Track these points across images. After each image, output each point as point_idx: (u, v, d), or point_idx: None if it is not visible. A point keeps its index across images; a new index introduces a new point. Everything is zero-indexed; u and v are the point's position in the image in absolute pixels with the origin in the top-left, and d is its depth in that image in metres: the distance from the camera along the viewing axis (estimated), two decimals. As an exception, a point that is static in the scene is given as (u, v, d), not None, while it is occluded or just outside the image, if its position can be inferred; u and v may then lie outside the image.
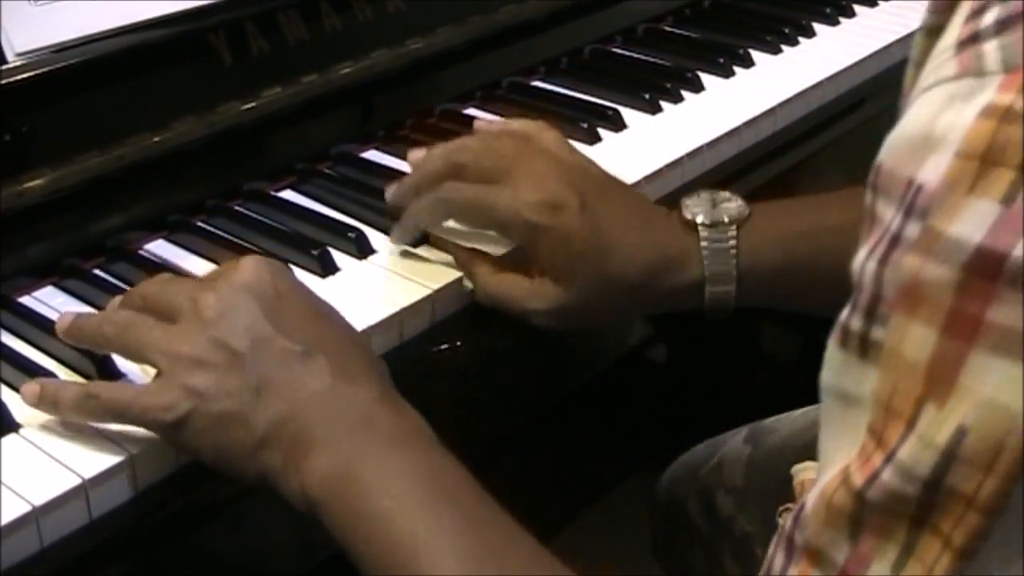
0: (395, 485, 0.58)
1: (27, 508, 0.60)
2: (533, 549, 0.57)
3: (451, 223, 0.81)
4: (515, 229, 0.77)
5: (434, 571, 0.55)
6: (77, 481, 0.62)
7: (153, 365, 0.63)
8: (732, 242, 0.77)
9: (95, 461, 0.64)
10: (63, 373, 0.70)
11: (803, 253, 0.78)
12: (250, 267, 0.64)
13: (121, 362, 0.70)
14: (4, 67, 0.76)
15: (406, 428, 0.62)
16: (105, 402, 0.63)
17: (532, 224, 0.75)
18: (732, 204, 0.79)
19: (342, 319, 0.67)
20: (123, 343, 0.65)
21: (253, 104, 0.89)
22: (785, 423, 0.95)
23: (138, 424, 0.63)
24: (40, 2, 0.79)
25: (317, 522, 0.59)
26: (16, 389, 0.69)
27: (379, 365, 0.66)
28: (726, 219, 0.77)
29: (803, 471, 0.79)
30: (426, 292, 0.78)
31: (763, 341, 1.76)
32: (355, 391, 0.62)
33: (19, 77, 0.76)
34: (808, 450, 0.82)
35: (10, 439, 0.65)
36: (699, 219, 0.77)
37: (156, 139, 0.83)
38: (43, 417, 0.66)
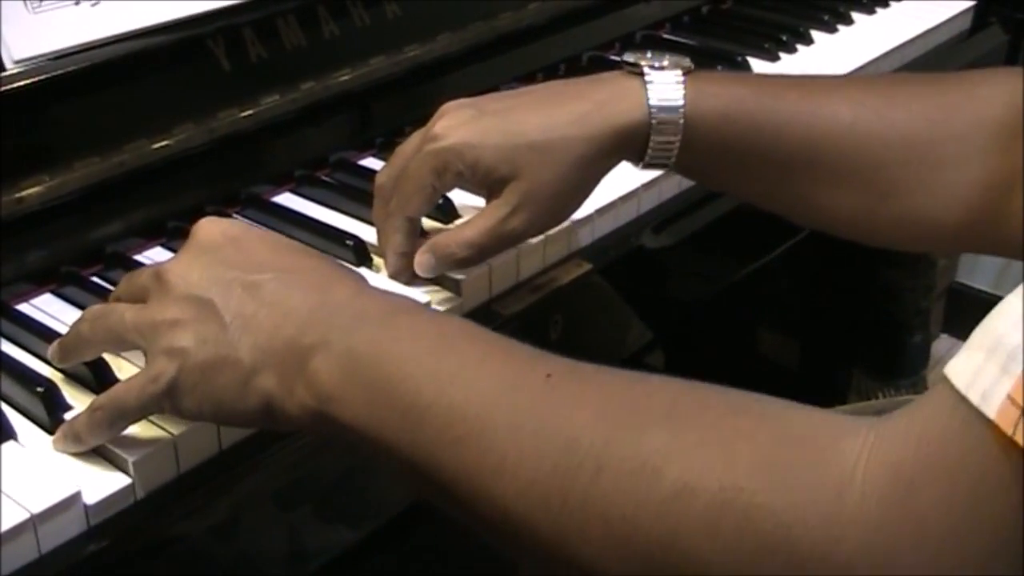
0: (404, 348, 0.57)
1: (25, 515, 0.60)
2: (567, 360, 0.55)
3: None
4: (442, 170, 0.76)
5: (467, 403, 0.54)
6: (75, 488, 0.62)
7: (134, 345, 0.63)
8: (679, 88, 0.76)
9: (94, 468, 0.64)
10: (61, 381, 0.70)
11: (753, 108, 0.76)
12: (202, 228, 0.65)
13: (115, 364, 0.70)
14: (2, 74, 0.76)
15: (394, 303, 0.62)
16: (107, 407, 0.63)
17: (445, 148, 0.75)
18: (676, 57, 0.78)
19: (302, 245, 0.67)
20: (100, 335, 0.65)
21: (251, 111, 0.89)
22: None
23: (143, 410, 0.63)
24: (39, 9, 0.79)
25: (331, 428, 0.58)
26: (14, 397, 0.69)
27: (353, 272, 0.65)
28: (674, 64, 0.77)
29: None
30: (424, 300, 0.78)
31: (761, 347, 1.76)
32: (332, 295, 0.61)
33: (18, 84, 0.76)
34: None
35: (8, 446, 0.65)
36: (645, 62, 0.77)
37: (154, 146, 0.83)
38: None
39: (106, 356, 0.70)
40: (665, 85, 0.76)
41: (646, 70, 0.77)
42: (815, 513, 0.44)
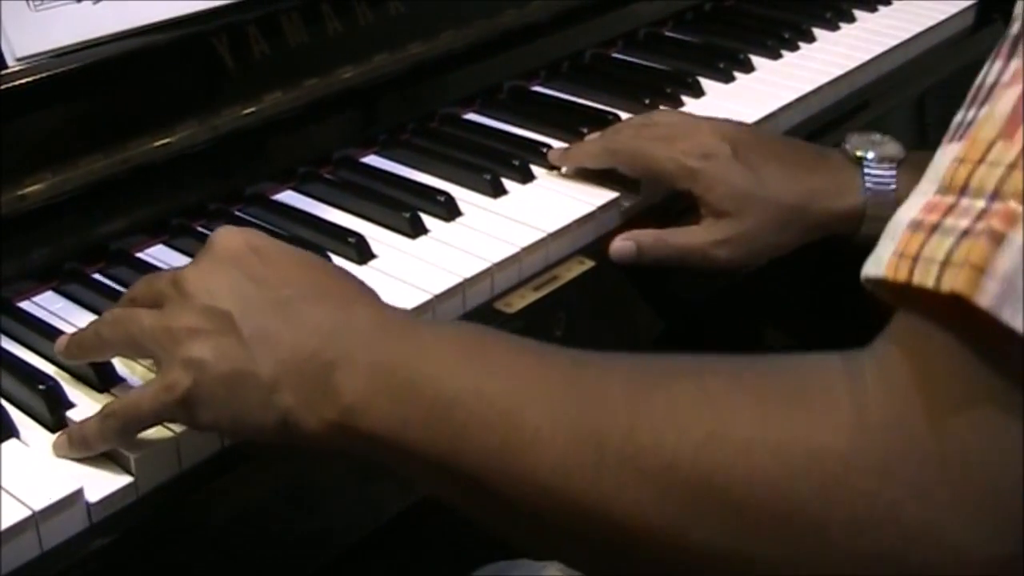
0: (427, 351, 0.58)
1: (27, 513, 0.60)
2: (589, 353, 0.56)
3: None
4: (677, 176, 0.88)
5: (494, 389, 0.54)
6: (77, 486, 0.62)
7: (150, 353, 0.63)
8: (892, 176, 0.86)
9: (96, 465, 0.64)
10: (63, 379, 0.70)
11: None
12: (223, 236, 0.65)
13: (118, 364, 0.70)
14: (4, 71, 0.76)
15: (413, 320, 0.63)
16: (120, 415, 0.63)
17: (691, 168, 0.87)
18: (891, 145, 0.88)
19: (324, 260, 0.67)
20: (119, 338, 0.65)
21: (254, 108, 0.89)
22: None
23: (157, 419, 0.63)
24: (40, 6, 0.79)
25: (350, 442, 0.58)
26: (16, 394, 0.69)
27: (372, 290, 0.65)
28: (889, 156, 0.87)
29: None
30: (426, 297, 0.78)
31: (765, 344, 1.76)
32: (354, 312, 0.61)
33: (20, 81, 0.76)
34: None
35: (10, 444, 0.65)
36: (865, 154, 0.87)
37: (157, 143, 0.83)
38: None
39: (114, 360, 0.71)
40: (880, 175, 0.87)
41: (865, 162, 0.87)
42: (841, 426, 0.45)
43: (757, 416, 0.47)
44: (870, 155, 0.88)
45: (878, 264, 0.45)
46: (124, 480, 0.64)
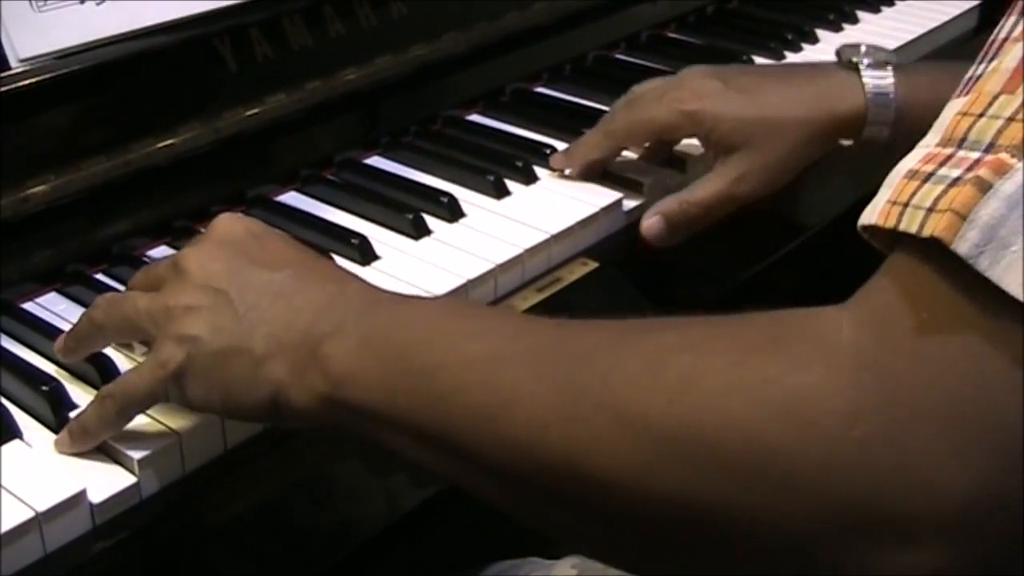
0: (416, 320, 0.58)
1: (30, 514, 0.60)
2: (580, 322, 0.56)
3: None
4: (679, 125, 0.89)
5: (479, 352, 0.54)
6: (80, 487, 0.62)
7: (144, 333, 0.63)
8: (890, 80, 0.87)
9: (99, 467, 0.64)
10: (65, 379, 0.70)
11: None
12: (223, 222, 0.66)
13: (121, 363, 0.70)
14: (7, 73, 0.76)
15: (401, 294, 0.64)
16: (117, 396, 0.63)
17: (689, 112, 0.87)
18: (884, 52, 0.90)
19: (320, 256, 0.68)
20: (113, 321, 0.65)
21: (257, 110, 0.89)
22: None
23: (152, 396, 0.63)
24: (44, 8, 0.79)
25: (338, 415, 0.58)
26: (19, 395, 0.69)
27: (359, 277, 0.66)
28: (884, 60, 0.88)
29: None
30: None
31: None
32: (344, 289, 0.62)
33: (23, 83, 0.76)
34: None
35: (13, 445, 0.65)
36: (861, 60, 0.88)
37: (160, 145, 0.83)
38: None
39: (115, 357, 0.70)
40: (878, 77, 0.87)
41: (860, 64, 0.88)
42: (814, 367, 0.45)
43: (733, 360, 0.47)
44: (865, 60, 0.88)
45: (872, 211, 0.45)
46: (128, 481, 0.63)
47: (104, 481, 0.63)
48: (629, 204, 0.93)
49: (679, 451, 0.46)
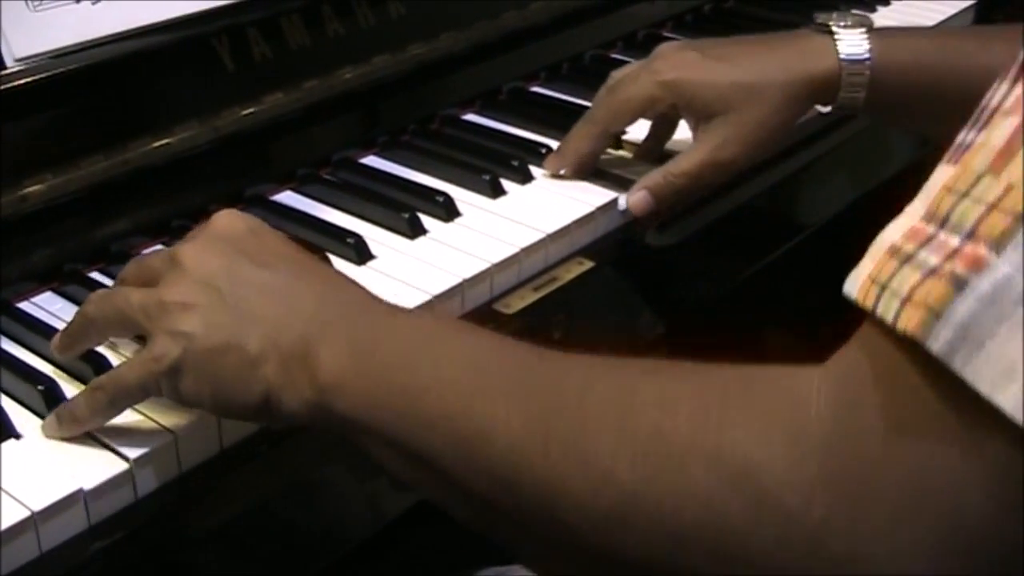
0: (403, 336, 0.59)
1: (26, 513, 0.60)
2: (560, 355, 0.56)
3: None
4: (659, 97, 0.89)
5: (461, 379, 0.55)
6: (77, 486, 0.62)
7: (139, 327, 0.63)
8: (864, 42, 0.87)
9: (95, 466, 0.64)
10: (62, 379, 0.70)
11: (932, 58, 0.86)
12: (222, 218, 0.66)
13: (116, 363, 0.70)
14: (4, 72, 0.76)
15: (395, 306, 0.64)
16: (109, 387, 0.63)
17: (668, 82, 0.88)
18: (860, 16, 0.90)
19: (317, 256, 0.68)
20: (106, 315, 0.65)
21: (254, 109, 0.89)
22: None
23: (143, 390, 0.63)
24: (40, 7, 0.79)
25: (327, 420, 0.58)
26: (15, 394, 0.69)
27: (356, 282, 0.66)
28: (858, 23, 0.88)
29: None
30: (425, 298, 0.78)
31: (766, 346, 1.76)
32: (340, 294, 0.62)
33: (19, 82, 0.76)
34: None
35: (9, 444, 0.65)
36: (835, 23, 0.88)
37: (157, 144, 0.83)
38: (42, 422, 0.66)
39: (110, 356, 0.71)
40: (852, 41, 0.88)
41: (835, 28, 0.88)
42: (779, 443, 0.44)
43: (700, 422, 0.46)
44: (839, 23, 0.89)
45: (855, 282, 0.45)
46: (124, 481, 0.64)
47: (100, 480, 0.63)
48: (625, 203, 0.93)
49: (639, 510, 0.47)
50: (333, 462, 0.72)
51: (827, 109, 0.91)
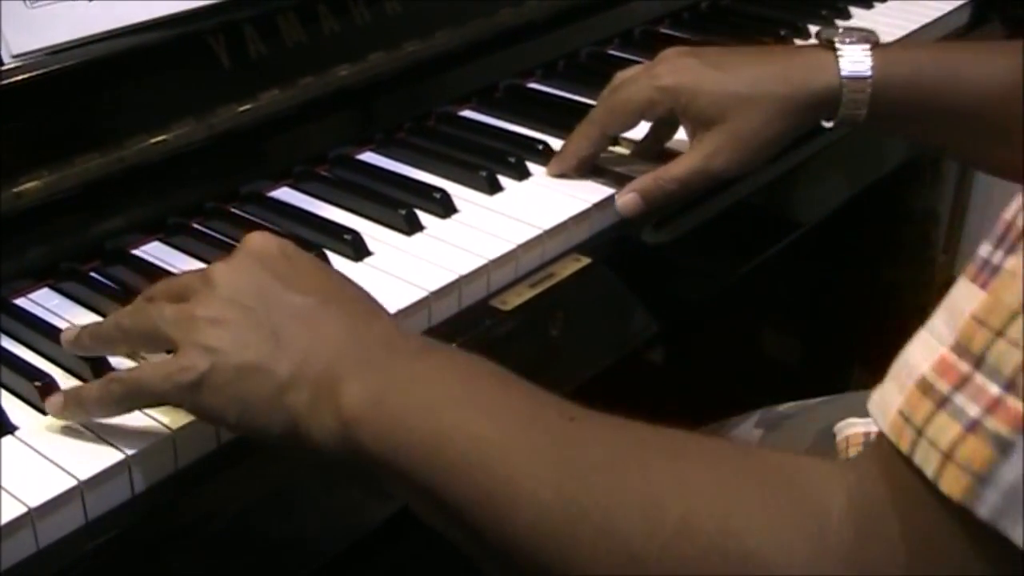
0: (432, 379, 0.59)
1: (23, 510, 0.60)
2: (584, 409, 0.56)
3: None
4: (658, 101, 0.89)
5: (487, 434, 0.55)
6: (74, 483, 0.62)
7: (169, 340, 0.63)
8: (867, 59, 0.87)
9: (92, 462, 0.64)
10: (59, 375, 0.70)
11: (933, 74, 0.86)
12: (256, 239, 0.66)
13: (115, 363, 0.70)
14: (1, 69, 0.76)
15: (425, 344, 0.64)
16: (127, 382, 0.63)
17: (666, 87, 0.88)
18: (863, 31, 0.90)
19: (348, 279, 0.68)
20: (139, 329, 0.65)
21: (251, 106, 0.89)
22: (799, 410, 0.95)
23: (160, 397, 0.63)
24: (36, 4, 0.79)
25: (353, 454, 0.58)
26: (12, 391, 0.69)
27: (386, 312, 0.66)
28: (862, 38, 0.88)
29: (848, 427, 0.81)
30: (422, 294, 0.78)
31: (762, 343, 1.76)
32: (370, 327, 0.62)
33: (16, 79, 0.76)
34: (822, 437, 0.83)
35: (7, 440, 0.65)
36: (838, 39, 0.88)
37: (153, 141, 0.83)
38: (40, 419, 0.66)
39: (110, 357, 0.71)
40: (855, 57, 0.87)
41: (838, 44, 0.88)
42: (800, 553, 0.46)
43: (724, 521, 0.47)
44: (843, 40, 0.89)
45: (884, 412, 0.45)
46: (121, 477, 0.64)
47: (97, 477, 0.63)
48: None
49: None
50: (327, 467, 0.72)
51: (830, 124, 0.90)
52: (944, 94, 0.86)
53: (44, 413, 0.67)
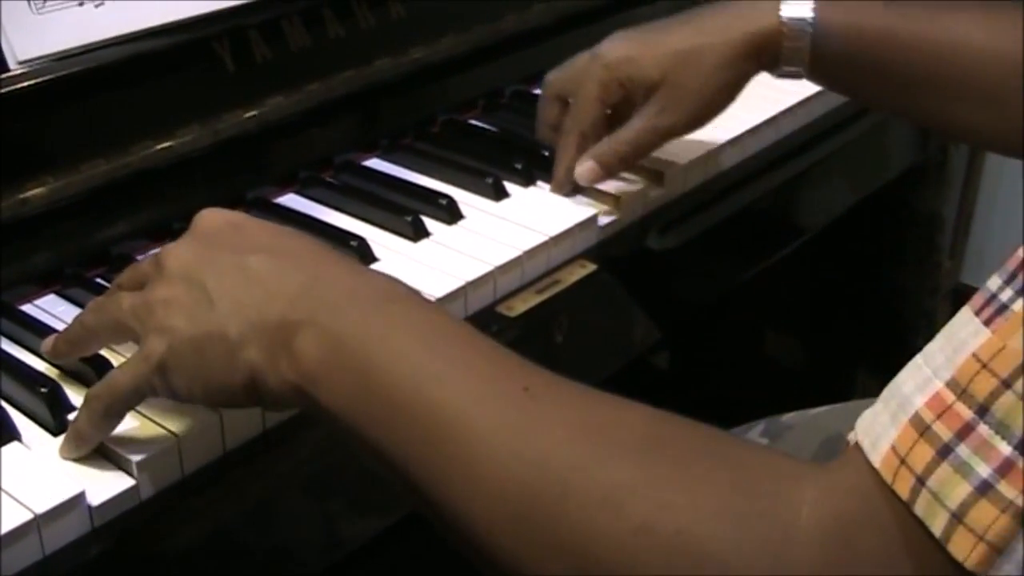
0: (391, 339, 0.57)
1: (29, 516, 0.60)
2: (549, 374, 0.55)
3: None
4: (606, 82, 0.90)
5: (444, 405, 0.53)
6: (79, 489, 0.62)
7: (132, 331, 0.63)
8: (809, 4, 0.84)
9: (97, 469, 0.64)
10: (64, 381, 0.70)
11: (882, 24, 0.83)
12: (205, 215, 0.66)
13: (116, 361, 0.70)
14: (6, 75, 0.76)
15: (389, 289, 0.61)
16: (103, 395, 0.63)
17: (607, 64, 0.90)
18: None
19: (304, 233, 0.66)
20: (102, 322, 0.66)
21: (256, 112, 0.89)
22: (804, 419, 0.95)
23: (137, 391, 0.62)
24: (43, 9, 0.79)
25: (308, 407, 0.58)
26: (17, 397, 0.69)
27: (351, 257, 0.65)
28: None
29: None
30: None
31: (767, 347, 1.76)
32: (325, 273, 0.61)
33: (22, 85, 0.76)
34: (827, 447, 0.83)
35: (12, 447, 0.65)
36: None
37: (159, 147, 0.83)
38: (45, 425, 0.66)
39: (108, 355, 0.71)
40: (797, 3, 0.85)
41: None
42: (763, 560, 0.45)
43: (685, 522, 0.46)
44: None
45: (873, 441, 0.43)
46: (126, 484, 0.63)
47: (103, 483, 0.63)
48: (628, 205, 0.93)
49: None
50: (336, 466, 0.72)
51: (775, 75, 0.89)
52: (894, 50, 0.83)
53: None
